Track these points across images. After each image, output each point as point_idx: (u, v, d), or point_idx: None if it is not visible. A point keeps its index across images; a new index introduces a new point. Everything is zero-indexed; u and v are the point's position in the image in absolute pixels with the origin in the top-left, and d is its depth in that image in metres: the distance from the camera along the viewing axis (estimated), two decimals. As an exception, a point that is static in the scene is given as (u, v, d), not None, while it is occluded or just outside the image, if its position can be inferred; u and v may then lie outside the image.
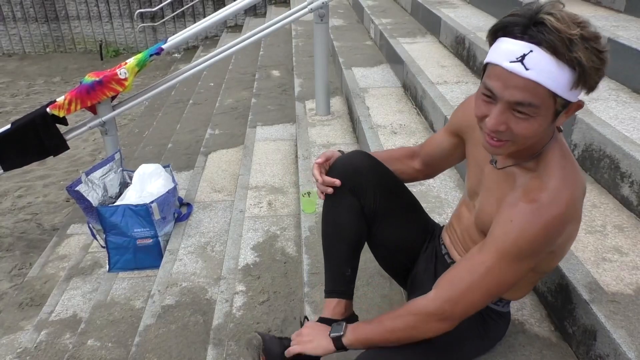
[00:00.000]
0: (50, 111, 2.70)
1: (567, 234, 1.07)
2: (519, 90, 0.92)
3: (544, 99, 0.92)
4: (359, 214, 1.34)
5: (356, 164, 1.34)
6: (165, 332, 1.98)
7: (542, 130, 0.98)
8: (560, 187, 1.00)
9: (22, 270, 3.22)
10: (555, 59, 0.89)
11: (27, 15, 8.03)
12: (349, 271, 1.38)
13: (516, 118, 0.96)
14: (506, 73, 0.93)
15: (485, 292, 1.07)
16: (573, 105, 0.98)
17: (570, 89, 0.92)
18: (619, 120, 1.91)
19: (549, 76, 0.90)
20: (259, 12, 7.84)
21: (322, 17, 2.90)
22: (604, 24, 2.53)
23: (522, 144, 1.01)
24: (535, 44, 0.90)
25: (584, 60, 0.89)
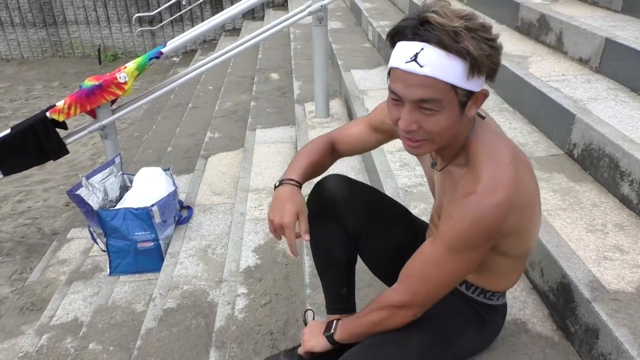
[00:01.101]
0: (49, 115, 2.70)
1: (521, 213, 1.05)
2: (418, 87, 0.96)
3: (444, 92, 0.96)
4: (345, 237, 1.38)
5: (333, 193, 1.36)
6: (167, 335, 1.98)
7: (452, 123, 1.01)
8: (494, 172, 1.02)
9: (23, 275, 3.22)
10: (445, 52, 0.93)
11: (25, 20, 8.03)
12: (344, 290, 1.45)
13: (425, 115, 0.99)
14: (404, 74, 0.97)
15: (440, 283, 1.11)
16: (479, 95, 1.01)
17: (466, 78, 0.96)
18: (617, 119, 1.92)
19: (442, 70, 0.94)
20: (257, 16, 7.85)
21: (321, 20, 2.90)
22: (602, 24, 2.55)
23: (439, 141, 1.04)
24: (424, 41, 0.94)
25: (471, 49, 0.93)
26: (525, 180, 1.06)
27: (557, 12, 2.83)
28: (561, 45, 2.72)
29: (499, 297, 1.28)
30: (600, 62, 2.40)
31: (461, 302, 1.26)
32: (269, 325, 1.81)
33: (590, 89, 2.23)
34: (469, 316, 1.25)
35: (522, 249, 1.18)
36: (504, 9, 3.33)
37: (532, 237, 1.17)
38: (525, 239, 1.14)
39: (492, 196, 1.00)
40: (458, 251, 1.05)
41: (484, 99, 1.03)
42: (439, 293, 1.12)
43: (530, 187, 1.08)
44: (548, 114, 2.18)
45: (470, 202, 1.01)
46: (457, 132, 1.06)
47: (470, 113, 1.03)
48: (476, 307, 1.26)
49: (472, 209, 1.01)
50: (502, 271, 1.21)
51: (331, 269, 1.44)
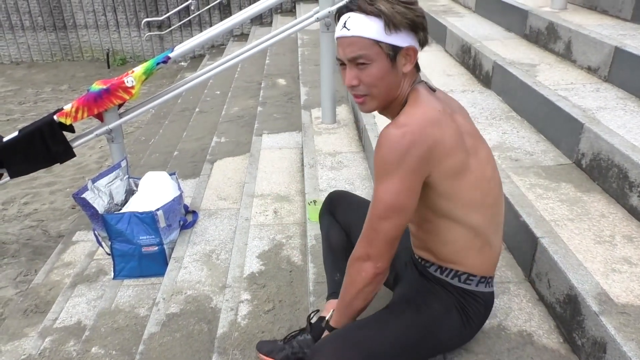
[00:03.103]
0: (57, 119, 2.72)
1: (436, 157, 1.15)
2: (350, 47, 1.18)
3: (369, 47, 1.16)
4: (338, 226, 1.64)
5: (332, 197, 1.70)
6: (169, 340, 1.97)
7: (384, 74, 1.18)
8: (415, 109, 1.19)
9: (28, 277, 3.22)
10: (364, 15, 1.16)
11: (35, 24, 8.10)
12: (337, 275, 1.58)
13: (361, 70, 1.19)
14: (340, 39, 1.20)
15: (382, 216, 1.19)
16: (408, 50, 1.19)
17: (385, 33, 1.15)
18: (627, 129, 1.90)
19: (363, 28, 1.16)
20: (265, 21, 7.88)
21: (328, 26, 2.91)
22: (611, 33, 2.53)
23: (377, 94, 1.21)
24: (350, 11, 1.18)
25: (384, 8, 1.14)
26: (447, 128, 1.17)
27: (565, 21, 2.81)
28: (570, 54, 2.70)
29: (477, 283, 1.29)
30: (610, 71, 2.38)
31: (441, 288, 1.30)
32: (272, 332, 1.80)
33: (599, 98, 2.21)
34: (450, 302, 1.29)
35: (464, 214, 1.22)
36: (512, 17, 3.32)
37: (468, 200, 1.22)
38: (461, 199, 1.20)
39: (400, 127, 1.15)
40: (382, 178, 1.17)
41: (415, 54, 1.21)
42: (388, 230, 1.19)
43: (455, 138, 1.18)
44: (556, 123, 2.16)
45: (385, 132, 1.16)
46: (396, 86, 1.22)
47: (406, 69, 1.21)
48: (456, 294, 1.29)
49: (385, 135, 1.16)
50: (454, 241, 1.26)
51: (327, 252, 1.66)
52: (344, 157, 2.78)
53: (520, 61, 2.74)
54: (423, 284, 1.33)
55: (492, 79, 2.82)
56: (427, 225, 1.27)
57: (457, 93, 2.79)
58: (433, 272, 1.32)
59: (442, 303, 1.29)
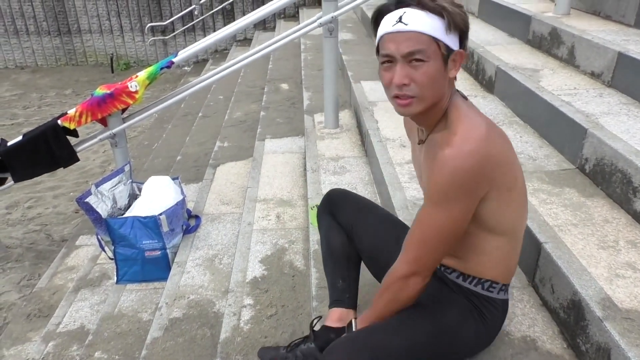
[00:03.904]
0: (61, 123, 2.73)
1: (495, 175, 1.12)
2: (406, 42, 1.11)
3: (427, 43, 1.10)
4: (338, 228, 1.59)
5: (332, 196, 1.64)
6: (172, 345, 1.97)
7: (438, 75, 1.12)
8: (469, 127, 1.13)
9: (31, 281, 3.23)
10: (424, 12, 1.10)
11: (40, 29, 8.15)
12: (340, 282, 1.56)
13: (415, 68, 1.12)
14: (393, 35, 1.12)
15: (436, 240, 1.17)
16: (457, 56, 1.15)
17: (445, 32, 1.11)
18: (630, 134, 1.89)
19: (424, 24, 1.10)
20: (269, 26, 7.90)
21: (331, 32, 2.91)
22: (614, 38, 2.53)
23: (427, 96, 1.14)
24: (406, 6, 1.12)
25: (446, 5, 1.10)
26: (500, 143, 1.14)
27: (569, 26, 2.81)
28: (573, 59, 2.70)
29: (499, 291, 1.28)
30: (613, 77, 2.38)
31: (459, 295, 1.28)
32: (274, 337, 1.80)
33: (603, 103, 2.21)
34: (467, 309, 1.27)
35: (504, 224, 1.20)
36: (515, 22, 3.33)
37: (514, 212, 1.20)
38: (504, 210, 1.18)
39: (465, 146, 1.09)
40: (442, 204, 1.13)
41: (461, 59, 1.16)
42: (438, 252, 1.19)
43: (507, 151, 1.16)
44: (559, 128, 2.16)
45: (445, 155, 1.10)
46: (442, 94, 1.16)
47: (452, 74, 1.16)
48: (474, 300, 1.27)
49: (447, 160, 1.10)
50: (493, 254, 1.24)
51: (328, 258, 1.60)
52: (347, 162, 2.78)
53: (523, 66, 2.74)
54: (441, 290, 1.30)
55: (495, 84, 2.82)
56: (467, 237, 1.22)
57: (460, 98, 2.79)
58: (454, 278, 1.30)
59: (459, 310, 1.27)
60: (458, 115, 1.16)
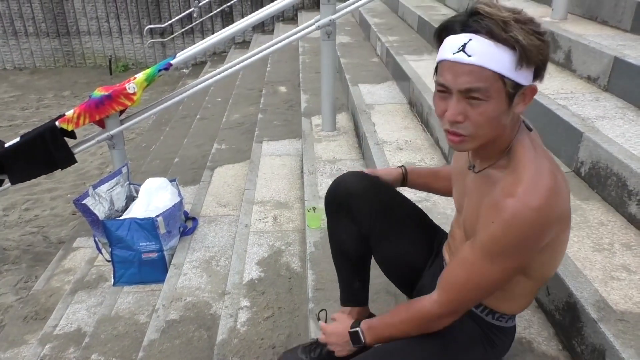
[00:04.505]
0: (59, 125, 2.73)
1: (556, 230, 1.04)
2: (466, 76, 0.97)
3: (491, 81, 0.96)
4: (357, 235, 1.41)
5: (350, 188, 1.38)
6: (169, 347, 1.97)
7: (498, 115, 1.00)
8: (536, 178, 1.01)
9: (28, 284, 3.22)
10: (493, 42, 0.95)
11: (38, 30, 8.15)
12: (357, 283, 1.49)
13: (471, 106, 0.99)
14: (452, 64, 0.98)
15: (480, 289, 1.11)
16: (527, 90, 1.00)
17: (515, 68, 0.96)
18: (625, 138, 1.91)
19: (490, 58, 0.95)
20: (267, 29, 7.92)
21: (329, 35, 2.92)
22: (610, 43, 2.54)
23: (482, 136, 1.02)
24: (473, 32, 0.96)
25: (520, 38, 0.93)
26: (565, 193, 1.05)
27: (566, 31, 2.83)
28: (570, 63, 2.71)
29: (508, 320, 1.26)
30: (609, 81, 2.39)
31: (470, 320, 1.24)
32: (271, 339, 1.80)
33: (599, 107, 2.22)
34: (477, 335, 1.24)
35: (544, 271, 1.16)
36: (513, 26, 3.34)
37: (557, 260, 1.15)
38: (550, 260, 1.13)
39: (533, 200, 0.98)
40: (498, 257, 1.04)
41: (532, 95, 1.02)
42: (478, 299, 1.16)
43: (566, 205, 1.07)
44: (556, 132, 2.17)
45: (508, 206, 0.99)
46: (502, 130, 1.04)
47: (518, 109, 1.02)
48: (484, 327, 1.25)
49: (510, 213, 0.99)
50: (516, 292, 1.19)
51: (344, 263, 1.49)
52: (344, 165, 2.79)
53: (520, 70, 2.75)
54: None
55: (492, 88, 2.83)
56: None
57: (457, 101, 2.80)
58: None
59: (468, 335, 1.23)
60: (524, 156, 1.04)
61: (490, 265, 1.05)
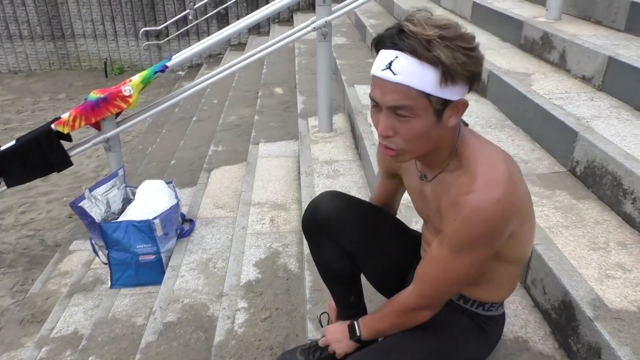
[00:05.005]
0: (54, 127, 2.73)
1: (520, 214, 1.07)
2: (392, 94, 0.99)
3: (416, 99, 0.99)
4: (342, 254, 1.39)
5: (327, 211, 1.36)
6: (166, 349, 1.97)
7: (426, 131, 1.02)
8: (490, 171, 1.03)
9: (24, 287, 3.22)
10: (417, 61, 0.96)
11: (33, 33, 8.13)
12: (352, 298, 1.49)
13: (400, 122, 1.02)
14: (381, 81, 1.01)
15: (452, 282, 1.14)
16: (458, 104, 1.02)
17: (439, 86, 0.98)
18: (620, 137, 1.92)
19: (414, 77, 0.97)
20: (263, 31, 7.92)
21: (325, 36, 2.93)
22: (604, 43, 2.56)
23: (414, 150, 1.06)
24: (399, 50, 0.98)
25: (443, 57, 0.95)
26: (520, 180, 1.09)
27: (560, 31, 2.84)
28: (564, 63, 2.73)
29: (498, 307, 1.29)
30: (603, 81, 2.40)
31: (462, 314, 1.27)
32: (268, 340, 1.80)
33: (593, 106, 2.23)
34: (470, 328, 1.27)
35: (520, 254, 1.19)
36: (508, 27, 3.35)
37: (528, 241, 1.18)
38: (521, 242, 1.16)
39: (491, 193, 1.01)
40: (466, 252, 1.07)
41: (464, 109, 1.04)
42: (452, 291, 1.19)
43: (524, 188, 1.11)
44: (551, 131, 2.18)
45: (471, 201, 1.01)
46: (438, 140, 1.07)
47: (451, 122, 1.04)
48: (476, 320, 1.27)
49: (474, 208, 1.01)
50: (498, 279, 1.23)
51: (336, 283, 1.49)
52: (341, 166, 2.79)
53: (516, 70, 2.76)
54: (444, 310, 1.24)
55: (487, 88, 2.84)
56: None
57: (452, 102, 2.81)
58: (455, 300, 1.27)
59: (462, 329, 1.25)
60: (472, 154, 1.07)
61: (458, 259, 1.08)
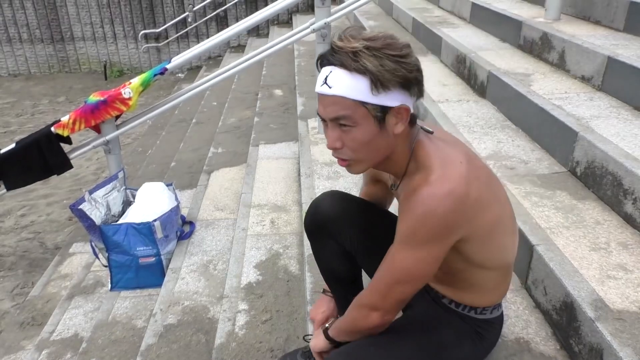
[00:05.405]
0: (54, 130, 2.72)
1: (480, 212, 1.06)
2: (331, 106, 1.05)
3: (353, 108, 1.03)
4: (343, 254, 1.43)
5: (328, 212, 1.40)
6: (167, 351, 1.96)
7: (371, 138, 1.05)
8: (443, 168, 1.05)
9: (24, 289, 3.21)
10: (347, 72, 1.02)
11: (33, 37, 8.13)
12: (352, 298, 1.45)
13: (344, 132, 1.06)
14: (321, 96, 1.07)
15: (400, 279, 1.10)
16: (400, 110, 1.05)
17: (372, 93, 1.01)
18: (620, 137, 1.92)
19: (348, 88, 1.02)
20: (262, 33, 7.93)
21: (324, 37, 2.93)
22: (604, 43, 2.56)
23: (364, 159, 1.09)
24: (332, 65, 1.04)
25: (370, 66, 1.00)
26: (481, 180, 1.08)
27: (559, 31, 2.84)
28: (563, 64, 2.73)
29: (492, 310, 1.27)
30: (603, 81, 2.40)
31: (455, 317, 1.26)
32: (269, 342, 1.80)
33: (593, 106, 2.23)
34: (464, 330, 1.25)
35: (498, 260, 1.17)
36: (507, 28, 3.36)
37: (506, 246, 1.17)
38: (495, 247, 1.14)
39: (442, 186, 1.02)
40: (410, 247, 1.06)
41: (407, 114, 1.06)
42: (399, 293, 1.12)
43: (489, 189, 1.10)
44: (551, 132, 2.18)
45: (418, 195, 1.03)
46: (388, 148, 1.09)
47: (397, 129, 1.07)
48: (471, 323, 1.25)
49: (421, 200, 1.02)
50: (484, 285, 1.21)
51: (336, 282, 1.50)
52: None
53: (515, 71, 2.76)
54: (436, 310, 1.27)
55: (487, 89, 2.84)
56: (457, 272, 1.18)
57: (452, 103, 2.81)
58: (447, 304, 1.27)
59: (455, 330, 1.24)
60: (426, 155, 1.09)
61: (405, 253, 1.07)
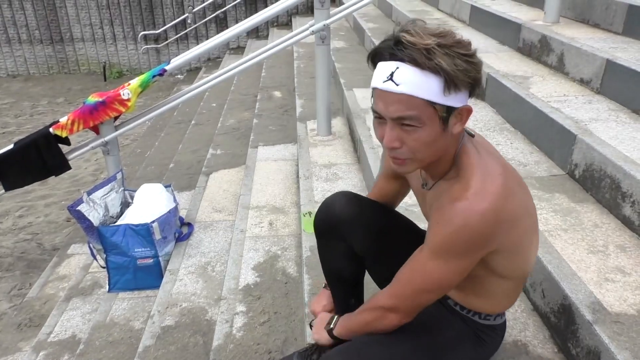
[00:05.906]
0: (53, 131, 2.72)
1: (512, 228, 1.05)
2: (396, 105, 0.98)
3: (421, 108, 0.98)
4: (350, 256, 1.41)
5: (340, 214, 1.38)
6: (164, 353, 1.96)
7: (434, 139, 1.01)
8: (483, 182, 1.02)
9: (22, 291, 3.20)
10: (419, 70, 0.96)
11: (32, 37, 8.13)
12: (352, 301, 1.48)
13: (406, 132, 1.01)
14: (383, 93, 1.00)
15: (427, 289, 1.10)
16: (462, 111, 1.02)
17: (443, 94, 0.97)
18: (619, 140, 1.92)
19: (418, 86, 0.96)
20: (261, 34, 7.93)
21: (324, 39, 2.93)
22: (602, 46, 2.56)
23: (422, 158, 1.05)
24: (399, 61, 0.97)
25: (444, 65, 0.95)
26: (516, 194, 1.06)
27: (558, 34, 2.85)
28: (562, 66, 2.73)
29: (496, 317, 1.27)
30: (602, 84, 2.41)
31: (459, 319, 1.25)
32: (267, 344, 1.79)
33: (592, 109, 2.23)
34: (466, 333, 1.25)
35: (519, 270, 1.16)
36: (506, 30, 3.36)
37: (528, 257, 1.16)
38: (520, 258, 1.13)
39: (480, 203, 1.00)
40: (443, 258, 1.05)
41: (468, 115, 1.04)
42: (424, 300, 1.12)
43: (522, 202, 1.08)
44: (549, 134, 2.18)
45: (456, 208, 1.01)
46: (444, 149, 1.06)
47: (456, 129, 1.04)
48: (473, 327, 1.25)
49: (458, 215, 1.00)
50: (500, 293, 1.20)
51: (339, 283, 1.49)
52: (339, 169, 2.79)
53: (514, 73, 2.77)
54: (439, 310, 1.26)
55: (486, 91, 2.85)
56: (475, 278, 1.15)
57: (451, 105, 2.81)
58: (452, 305, 1.26)
59: (456, 332, 1.23)
60: (469, 164, 1.06)
61: (433, 264, 1.06)
